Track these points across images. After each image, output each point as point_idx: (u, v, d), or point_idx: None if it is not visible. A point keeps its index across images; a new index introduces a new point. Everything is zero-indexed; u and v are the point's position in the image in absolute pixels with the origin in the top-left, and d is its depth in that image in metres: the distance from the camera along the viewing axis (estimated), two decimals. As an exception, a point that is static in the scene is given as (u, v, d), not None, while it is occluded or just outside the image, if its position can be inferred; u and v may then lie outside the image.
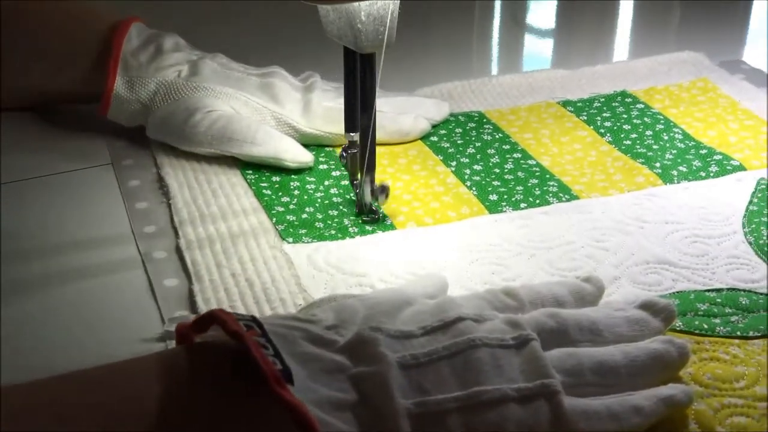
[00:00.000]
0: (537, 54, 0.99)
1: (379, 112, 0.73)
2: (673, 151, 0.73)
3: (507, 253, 0.61)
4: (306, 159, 0.71)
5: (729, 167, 0.70)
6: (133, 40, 0.74)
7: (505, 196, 0.67)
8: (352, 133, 0.63)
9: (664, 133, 0.75)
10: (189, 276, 0.58)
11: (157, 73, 0.72)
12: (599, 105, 0.80)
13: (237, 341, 0.39)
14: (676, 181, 0.69)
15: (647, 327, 0.49)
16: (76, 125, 0.77)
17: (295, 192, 0.68)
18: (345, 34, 0.58)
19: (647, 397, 0.44)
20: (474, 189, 0.68)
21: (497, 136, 0.75)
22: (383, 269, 0.59)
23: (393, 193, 0.67)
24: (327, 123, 0.73)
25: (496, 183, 0.69)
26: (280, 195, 0.67)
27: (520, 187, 0.68)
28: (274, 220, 0.64)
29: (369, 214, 0.64)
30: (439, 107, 0.78)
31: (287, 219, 0.64)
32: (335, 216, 0.65)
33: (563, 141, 0.75)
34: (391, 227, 0.64)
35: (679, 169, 0.70)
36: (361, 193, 0.63)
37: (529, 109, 0.80)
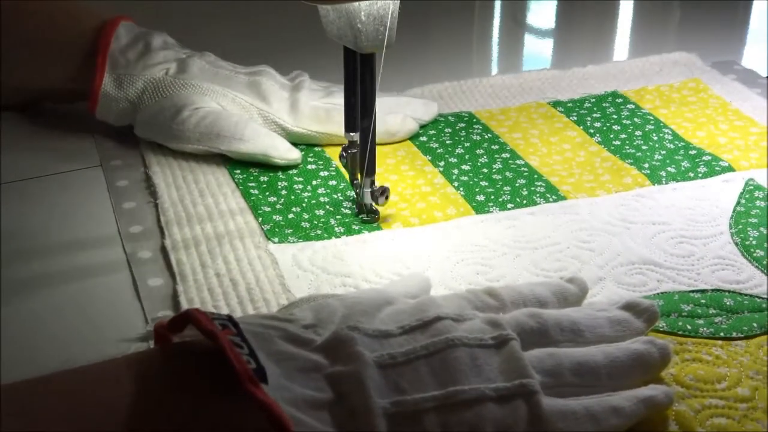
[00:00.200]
0: (537, 54, 0.99)
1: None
2: (662, 151, 0.73)
3: (492, 254, 0.61)
4: (294, 156, 0.71)
5: (718, 168, 0.70)
6: (122, 38, 0.74)
7: (493, 197, 0.67)
8: (352, 133, 0.63)
9: (654, 134, 0.75)
10: (174, 276, 0.58)
11: (145, 70, 0.72)
12: (590, 105, 0.80)
13: (211, 341, 0.39)
14: (664, 181, 0.69)
15: (629, 328, 0.49)
16: (64, 126, 0.77)
17: (282, 192, 0.67)
18: (345, 34, 0.58)
19: (627, 398, 0.44)
20: (461, 189, 0.68)
21: (486, 137, 0.75)
22: (368, 269, 0.59)
23: (380, 194, 0.67)
24: (314, 122, 0.73)
25: (484, 183, 0.69)
26: (267, 195, 0.67)
27: (507, 187, 0.68)
28: (260, 220, 0.64)
29: (369, 214, 0.64)
30: (428, 107, 0.78)
31: (273, 219, 0.64)
32: (322, 216, 0.65)
33: (552, 141, 0.75)
34: (377, 228, 0.64)
35: (668, 169, 0.70)
36: (361, 194, 0.63)
37: (519, 110, 0.80)
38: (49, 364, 0.41)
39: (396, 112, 0.75)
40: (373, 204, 0.64)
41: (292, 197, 0.67)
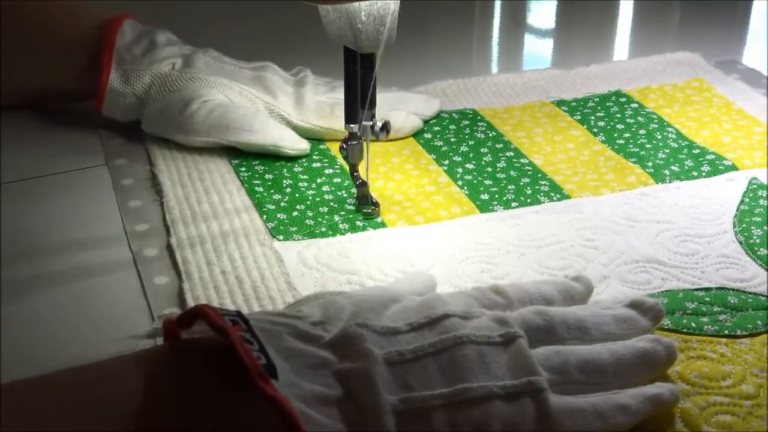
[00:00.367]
0: (537, 54, 0.99)
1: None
2: (666, 150, 0.73)
3: (497, 252, 0.61)
4: (304, 146, 0.71)
5: (721, 167, 0.70)
6: (126, 35, 0.74)
7: (497, 195, 0.67)
8: (352, 125, 0.63)
9: (658, 133, 0.75)
10: (179, 274, 0.58)
11: (152, 66, 0.73)
12: (593, 104, 0.80)
13: (222, 336, 0.39)
14: (668, 180, 0.69)
15: (635, 326, 0.49)
16: (69, 124, 0.77)
17: (287, 189, 0.68)
18: (345, 34, 0.58)
19: (633, 396, 0.44)
20: (465, 188, 0.68)
21: (490, 135, 0.75)
22: (373, 267, 0.59)
23: (385, 193, 0.67)
24: (318, 117, 0.73)
25: (488, 182, 0.69)
26: (272, 192, 0.67)
27: (511, 186, 0.68)
28: (265, 218, 0.64)
29: (369, 206, 0.64)
30: (430, 103, 0.78)
31: (278, 217, 0.64)
32: (326, 213, 0.65)
33: (556, 140, 0.75)
34: (382, 225, 0.64)
35: (672, 168, 0.70)
36: (360, 128, 0.62)
37: (523, 108, 0.80)
38: (55, 363, 0.42)
39: (399, 109, 0.75)
40: (370, 198, 0.64)
41: (297, 195, 0.67)
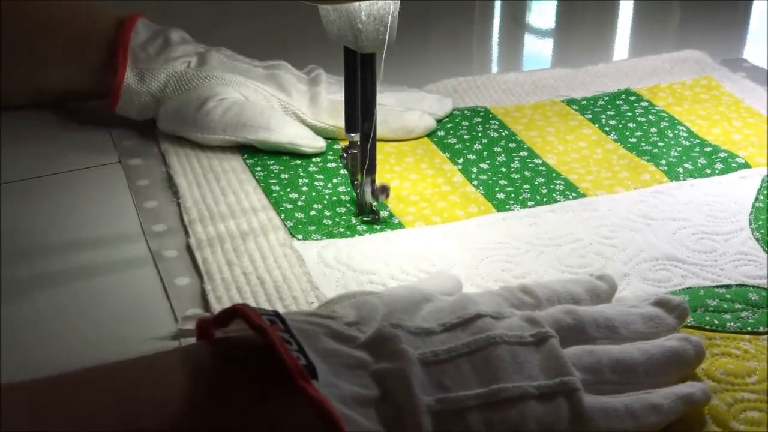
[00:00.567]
0: (537, 54, 0.99)
1: (384, 107, 0.74)
2: (678, 148, 0.73)
3: (516, 251, 0.61)
4: (320, 144, 0.71)
5: (734, 165, 0.71)
6: (141, 33, 0.74)
7: (513, 195, 0.67)
8: (353, 134, 0.63)
9: (669, 131, 0.76)
10: (200, 274, 0.58)
11: (167, 64, 0.73)
12: (603, 103, 0.81)
13: (261, 336, 0.39)
14: (682, 178, 0.69)
15: (662, 324, 0.50)
16: (81, 123, 0.77)
17: (304, 189, 0.68)
18: (345, 34, 0.58)
19: (665, 395, 0.45)
20: (481, 188, 0.68)
21: (503, 134, 0.76)
22: (394, 267, 0.59)
23: (400, 193, 0.67)
24: (332, 116, 0.73)
25: (503, 182, 0.69)
26: (288, 191, 0.67)
27: (527, 185, 0.68)
28: (282, 217, 0.64)
29: (369, 214, 0.64)
30: (442, 103, 0.78)
31: (296, 216, 0.64)
32: (344, 213, 0.65)
33: (569, 139, 0.75)
34: (400, 225, 0.64)
35: (685, 166, 0.71)
36: (361, 193, 0.63)
37: (533, 107, 0.80)
38: (82, 363, 0.41)
39: (412, 109, 0.75)
40: (374, 201, 0.64)
41: (314, 194, 0.67)
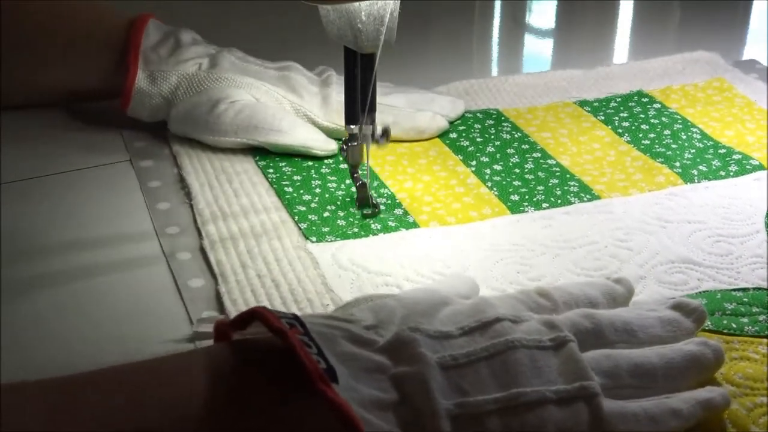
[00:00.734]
0: (537, 54, 0.99)
1: (395, 108, 0.74)
2: (692, 150, 0.73)
3: (531, 253, 0.61)
4: (332, 147, 0.71)
5: (749, 167, 0.70)
6: (152, 35, 0.74)
7: (527, 196, 0.67)
8: (352, 126, 0.63)
9: (682, 133, 0.75)
10: (214, 276, 0.58)
11: (178, 66, 0.72)
12: (616, 105, 0.80)
13: (281, 339, 0.39)
14: (696, 180, 0.69)
15: (680, 328, 0.49)
16: (91, 124, 0.77)
17: (317, 190, 0.67)
18: (345, 34, 0.58)
19: (685, 400, 0.44)
20: (495, 189, 0.68)
21: (516, 135, 0.75)
22: (409, 268, 0.59)
23: (414, 194, 0.67)
24: (342, 118, 0.73)
25: (517, 183, 0.69)
26: (301, 193, 0.67)
27: (540, 187, 0.68)
28: (296, 218, 0.64)
29: (369, 207, 0.64)
30: (454, 105, 0.78)
31: (309, 218, 0.64)
32: (357, 214, 0.65)
33: (582, 141, 0.75)
34: (414, 225, 0.64)
35: (699, 168, 0.70)
36: (360, 135, 0.62)
37: (546, 109, 0.80)
38: (97, 366, 0.41)
39: (424, 110, 0.75)
40: (373, 201, 0.64)
41: (327, 195, 0.67)
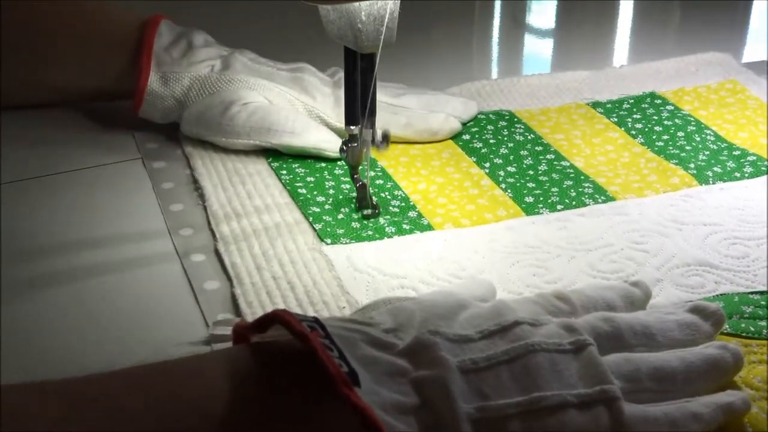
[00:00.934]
0: (537, 54, 0.99)
1: (407, 109, 0.73)
2: (706, 152, 0.73)
3: (547, 255, 0.60)
4: None
5: (763, 168, 0.70)
6: (164, 36, 0.73)
7: (541, 198, 0.67)
8: (352, 126, 0.63)
9: (696, 135, 0.75)
10: (229, 278, 0.58)
11: (190, 68, 0.72)
12: (628, 106, 0.80)
13: (303, 343, 0.39)
14: (711, 182, 0.69)
15: (698, 331, 0.49)
16: (103, 125, 0.76)
17: (330, 192, 0.67)
18: (345, 34, 0.58)
19: (706, 404, 0.44)
20: (509, 191, 0.68)
21: (529, 137, 0.75)
22: (424, 271, 0.59)
23: (428, 196, 0.67)
24: None
25: (531, 185, 0.68)
26: (315, 195, 0.67)
27: (555, 188, 0.68)
28: (310, 220, 0.64)
29: (369, 208, 0.64)
30: (467, 106, 0.78)
31: (324, 219, 0.64)
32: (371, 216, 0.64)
33: (595, 142, 0.74)
34: (429, 227, 0.63)
35: (714, 170, 0.70)
36: (360, 140, 0.62)
37: (559, 110, 0.80)
38: (111, 366, 0.41)
39: (437, 111, 0.75)
40: (371, 205, 0.64)
41: (340, 197, 0.67)
